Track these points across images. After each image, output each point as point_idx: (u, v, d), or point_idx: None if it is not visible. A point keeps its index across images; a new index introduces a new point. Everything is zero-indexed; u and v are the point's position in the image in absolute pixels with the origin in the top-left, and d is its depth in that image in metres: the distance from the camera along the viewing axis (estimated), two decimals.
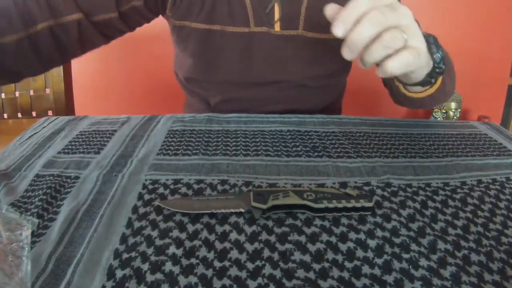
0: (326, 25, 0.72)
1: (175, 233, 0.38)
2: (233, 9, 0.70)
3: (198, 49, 0.74)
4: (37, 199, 0.44)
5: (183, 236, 0.38)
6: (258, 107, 0.76)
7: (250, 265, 0.34)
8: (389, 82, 0.70)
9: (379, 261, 0.35)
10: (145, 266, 0.34)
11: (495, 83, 1.68)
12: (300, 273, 0.33)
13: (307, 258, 0.35)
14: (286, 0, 0.70)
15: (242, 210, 0.40)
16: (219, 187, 0.46)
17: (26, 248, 0.26)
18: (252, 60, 0.74)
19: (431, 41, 0.50)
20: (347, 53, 0.42)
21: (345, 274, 0.33)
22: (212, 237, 0.37)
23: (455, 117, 1.63)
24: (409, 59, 0.41)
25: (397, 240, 0.37)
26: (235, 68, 0.74)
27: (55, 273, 0.34)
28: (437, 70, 0.51)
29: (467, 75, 1.61)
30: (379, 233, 0.38)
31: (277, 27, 0.72)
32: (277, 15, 0.71)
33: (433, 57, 0.50)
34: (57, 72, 1.14)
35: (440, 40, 0.51)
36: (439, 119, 1.63)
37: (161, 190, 0.45)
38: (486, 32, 1.55)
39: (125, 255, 0.35)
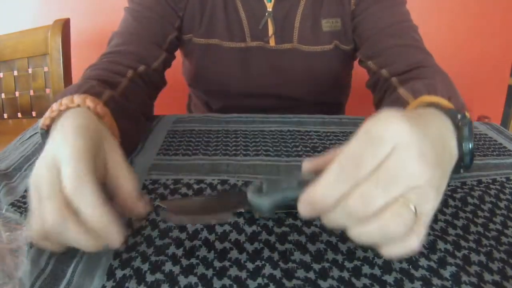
0: (319, 37, 0.73)
1: (175, 233, 0.38)
2: (230, 24, 0.72)
3: (200, 61, 0.77)
4: None
5: (183, 236, 0.38)
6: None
7: (250, 265, 0.34)
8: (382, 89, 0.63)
9: (379, 261, 0.35)
10: (145, 266, 0.34)
11: (495, 83, 1.68)
12: (300, 273, 0.33)
13: (307, 258, 0.35)
14: (279, 14, 0.71)
15: (242, 210, 0.40)
16: (219, 187, 0.46)
17: (26, 249, 0.26)
18: (250, 73, 0.75)
19: (465, 123, 0.36)
20: (304, 209, 0.29)
21: (345, 274, 0.33)
22: (212, 237, 0.37)
23: None
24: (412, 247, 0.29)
25: None
26: (234, 80, 0.76)
27: (54, 273, 0.34)
28: (462, 164, 0.37)
29: (467, 75, 1.61)
30: None
31: (272, 41, 0.73)
32: (270, 30, 0.72)
33: (460, 145, 0.36)
34: (57, 72, 1.14)
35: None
36: None
37: (161, 190, 0.45)
38: (486, 32, 1.55)
39: (125, 255, 0.35)
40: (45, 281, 0.33)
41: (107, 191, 0.34)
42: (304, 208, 0.29)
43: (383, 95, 0.62)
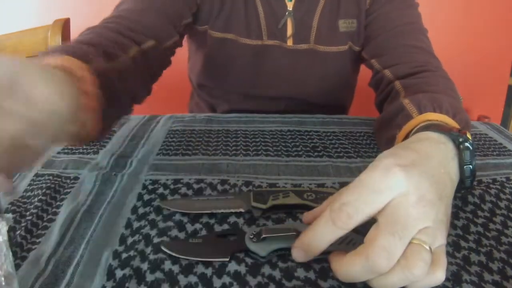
0: (335, 38, 0.73)
1: (174, 232, 0.38)
2: (248, 20, 0.71)
3: (212, 55, 0.75)
4: (36, 199, 0.44)
5: (181, 235, 0.38)
6: None
7: (249, 261, 0.34)
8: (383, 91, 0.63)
9: None
10: (145, 266, 0.34)
11: (495, 83, 1.67)
12: (300, 272, 0.33)
13: None
14: (298, 14, 0.71)
15: (242, 210, 0.40)
16: (219, 187, 0.46)
17: (6, 239, 0.26)
18: (261, 73, 0.74)
19: (466, 147, 0.36)
20: (297, 253, 0.32)
21: None
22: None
23: None
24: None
25: None
26: (244, 79, 0.75)
27: (54, 274, 0.34)
28: (465, 185, 0.38)
29: (467, 74, 1.61)
30: None
31: (290, 41, 0.72)
32: (290, 31, 0.71)
33: (462, 169, 0.37)
34: None
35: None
36: None
37: (161, 190, 0.45)
38: (486, 32, 1.55)
39: (124, 255, 0.35)
40: (45, 281, 0.33)
41: None
42: (297, 253, 0.32)
43: (385, 97, 0.61)
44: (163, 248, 0.35)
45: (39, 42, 1.15)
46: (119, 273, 0.33)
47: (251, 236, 0.35)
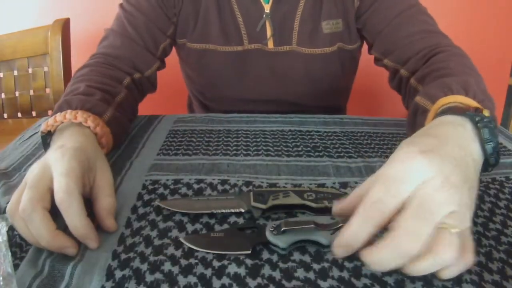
0: (319, 39, 0.72)
1: (174, 232, 0.38)
2: (226, 28, 0.71)
3: (196, 67, 0.77)
4: None
5: (182, 236, 0.38)
6: None
7: (249, 263, 0.34)
8: (407, 93, 0.62)
9: None
10: (144, 266, 0.34)
11: (495, 83, 1.67)
12: (300, 272, 0.33)
13: (306, 258, 0.35)
14: (277, 16, 0.70)
15: (242, 210, 0.40)
16: (219, 187, 0.46)
17: (5, 239, 0.26)
18: (247, 78, 0.74)
19: (484, 125, 0.37)
20: (338, 251, 0.33)
21: (345, 274, 0.33)
22: None
23: None
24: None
25: None
26: (232, 86, 0.76)
27: (52, 275, 0.34)
28: (490, 163, 0.38)
29: None
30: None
31: (270, 44, 0.72)
32: (269, 32, 0.71)
33: (483, 148, 0.36)
34: (57, 72, 1.14)
35: None
36: None
37: (161, 190, 0.45)
38: (486, 32, 1.55)
39: (123, 256, 0.35)
40: (43, 281, 0.33)
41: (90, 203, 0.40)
42: (338, 251, 0.32)
43: (410, 99, 0.59)
44: (183, 242, 0.36)
45: (39, 42, 1.15)
46: (118, 274, 0.33)
47: (271, 229, 0.35)
